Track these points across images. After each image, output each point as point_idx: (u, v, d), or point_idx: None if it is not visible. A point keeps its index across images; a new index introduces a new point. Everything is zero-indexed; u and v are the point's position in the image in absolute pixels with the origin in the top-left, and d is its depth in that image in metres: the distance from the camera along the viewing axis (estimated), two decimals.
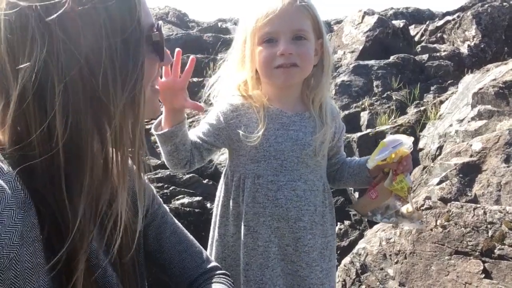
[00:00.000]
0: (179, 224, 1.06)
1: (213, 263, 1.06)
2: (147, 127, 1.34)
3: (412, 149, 1.32)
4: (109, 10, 0.65)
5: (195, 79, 5.30)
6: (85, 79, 0.64)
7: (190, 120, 4.24)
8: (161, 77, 1.22)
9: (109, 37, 0.65)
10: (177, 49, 1.24)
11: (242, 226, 1.32)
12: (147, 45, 0.75)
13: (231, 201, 1.35)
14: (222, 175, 1.43)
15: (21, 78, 0.61)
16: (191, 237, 1.06)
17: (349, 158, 1.52)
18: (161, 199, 1.05)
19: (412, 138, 1.35)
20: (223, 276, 1.05)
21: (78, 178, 0.67)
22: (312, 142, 1.32)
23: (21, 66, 0.61)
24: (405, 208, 1.32)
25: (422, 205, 2.36)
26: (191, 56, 1.30)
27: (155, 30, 0.76)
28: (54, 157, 0.64)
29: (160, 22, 0.78)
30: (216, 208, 1.42)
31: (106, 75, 0.66)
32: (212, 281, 1.00)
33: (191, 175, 3.12)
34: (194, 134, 1.37)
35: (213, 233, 1.42)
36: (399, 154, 1.30)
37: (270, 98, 1.33)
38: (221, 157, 3.81)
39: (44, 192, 0.65)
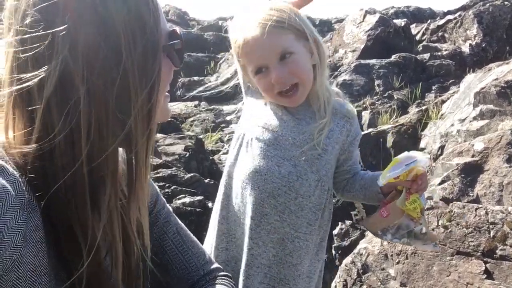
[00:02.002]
0: (182, 224, 1.06)
1: (216, 265, 1.06)
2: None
3: (428, 167, 1.28)
4: (127, 21, 0.66)
5: (195, 78, 5.29)
6: (105, 90, 0.65)
7: (191, 119, 4.24)
8: None
9: (129, 47, 0.66)
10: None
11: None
12: (165, 53, 0.76)
13: (231, 198, 1.38)
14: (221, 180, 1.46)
15: (45, 87, 0.62)
16: (194, 238, 1.06)
17: (363, 171, 1.48)
18: (164, 199, 1.05)
19: (428, 156, 1.29)
20: (226, 278, 1.04)
21: (102, 189, 0.68)
22: (310, 129, 1.32)
23: (44, 73, 0.62)
24: (419, 229, 1.26)
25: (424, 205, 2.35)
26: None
27: (175, 38, 0.77)
28: (76, 166, 0.64)
29: (178, 28, 0.79)
30: (217, 208, 1.43)
31: (125, 84, 0.66)
32: (215, 282, 1.00)
33: (192, 174, 3.12)
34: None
35: (213, 231, 1.42)
36: (413, 172, 1.24)
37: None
38: (222, 156, 3.81)
39: (62, 201, 0.65)
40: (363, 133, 3.71)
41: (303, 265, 1.36)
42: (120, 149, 0.74)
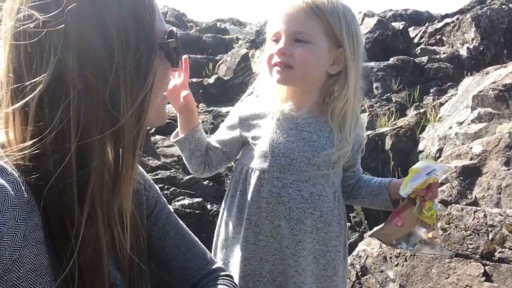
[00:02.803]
0: (183, 224, 1.05)
1: (217, 265, 1.06)
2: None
3: (442, 176, 1.29)
4: (121, 19, 0.66)
5: (194, 80, 5.29)
6: (97, 88, 0.65)
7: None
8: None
9: (122, 46, 0.66)
10: (184, 56, 1.29)
11: (244, 220, 1.31)
12: (162, 52, 0.75)
13: (238, 193, 1.35)
14: (233, 168, 1.43)
15: (38, 86, 0.62)
16: (195, 238, 1.06)
17: (367, 176, 1.49)
18: (165, 200, 1.05)
19: (443, 165, 1.31)
20: (227, 278, 1.04)
21: (88, 183, 0.67)
22: (329, 153, 1.29)
23: (37, 75, 0.62)
24: (430, 235, 1.27)
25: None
26: (184, 56, 1.34)
27: (171, 37, 0.76)
28: (65, 161, 0.64)
29: (175, 28, 0.78)
30: (225, 199, 1.43)
31: (119, 86, 0.66)
32: (216, 282, 1.00)
33: (191, 176, 3.11)
34: (213, 137, 1.41)
35: (220, 221, 1.43)
36: (429, 181, 1.24)
37: (287, 98, 1.34)
38: (241, 152, 3.80)
39: (55, 198, 0.65)
40: None
41: (338, 275, 1.36)
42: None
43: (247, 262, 1.31)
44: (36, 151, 0.63)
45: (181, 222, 1.05)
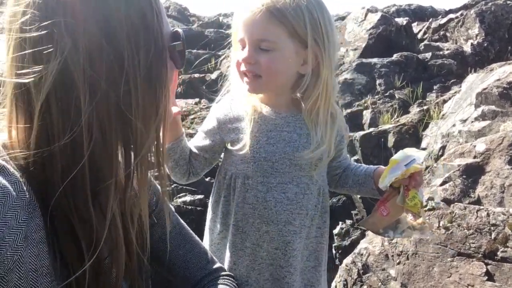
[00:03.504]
0: (184, 224, 1.06)
1: (218, 264, 1.06)
2: None
3: (424, 164, 1.28)
4: (129, 22, 0.65)
5: (196, 75, 5.28)
6: (108, 90, 0.65)
7: (192, 117, 4.23)
8: None
9: (132, 49, 0.65)
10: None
11: (231, 226, 1.30)
12: (168, 54, 0.75)
13: (221, 199, 1.33)
14: (217, 172, 1.40)
15: (45, 91, 0.62)
16: (196, 237, 1.06)
17: (354, 163, 1.48)
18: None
19: (424, 152, 1.30)
20: (228, 278, 1.05)
21: (102, 189, 0.68)
22: (306, 144, 1.27)
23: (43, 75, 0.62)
24: (417, 222, 1.28)
25: (425, 206, 2.35)
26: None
27: (177, 39, 0.76)
28: (77, 167, 0.64)
29: (181, 30, 0.78)
30: (210, 204, 1.41)
31: (128, 88, 0.66)
32: (217, 282, 1.00)
33: None
34: (192, 144, 1.36)
35: (206, 227, 1.41)
36: (409, 171, 1.24)
37: (264, 100, 1.30)
38: (223, 154, 3.80)
39: (63, 202, 0.65)
40: (363, 132, 3.70)
41: (322, 265, 1.37)
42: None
43: (235, 267, 1.30)
44: (40, 152, 0.63)
45: (182, 221, 1.05)
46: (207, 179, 3.14)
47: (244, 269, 1.30)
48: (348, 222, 3.14)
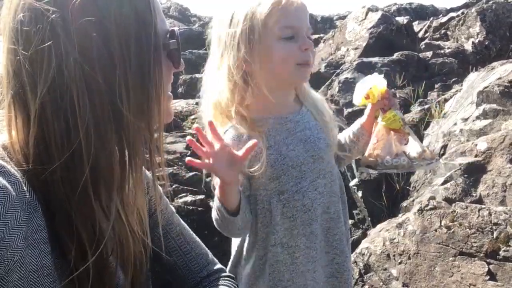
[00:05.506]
0: (185, 225, 1.05)
1: (218, 265, 1.06)
2: None
3: (386, 83, 1.39)
4: (121, 19, 0.65)
5: (197, 75, 5.27)
6: (100, 90, 0.65)
7: (193, 117, 4.22)
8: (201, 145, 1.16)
9: (122, 47, 0.65)
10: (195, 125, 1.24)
11: (274, 247, 1.28)
12: (164, 52, 0.74)
13: (259, 225, 1.29)
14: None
15: (40, 91, 0.62)
16: (197, 238, 1.05)
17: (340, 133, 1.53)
18: (167, 199, 1.04)
19: (381, 76, 1.41)
20: (228, 279, 1.04)
21: (101, 187, 0.68)
22: (321, 135, 1.31)
23: (39, 80, 0.62)
24: (414, 151, 1.31)
25: (427, 205, 2.35)
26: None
27: (173, 38, 0.76)
28: (77, 165, 0.64)
29: (177, 28, 0.77)
30: (241, 241, 1.36)
31: (120, 85, 0.66)
32: (218, 283, 1.00)
33: (193, 173, 3.11)
34: None
35: (240, 260, 1.37)
36: (378, 93, 1.36)
37: (267, 107, 1.25)
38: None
39: (64, 201, 0.65)
40: None
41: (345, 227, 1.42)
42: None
43: (291, 283, 1.30)
44: (41, 153, 0.63)
45: (183, 222, 1.05)
46: (208, 180, 3.14)
47: (300, 277, 1.30)
48: (350, 221, 3.13)
